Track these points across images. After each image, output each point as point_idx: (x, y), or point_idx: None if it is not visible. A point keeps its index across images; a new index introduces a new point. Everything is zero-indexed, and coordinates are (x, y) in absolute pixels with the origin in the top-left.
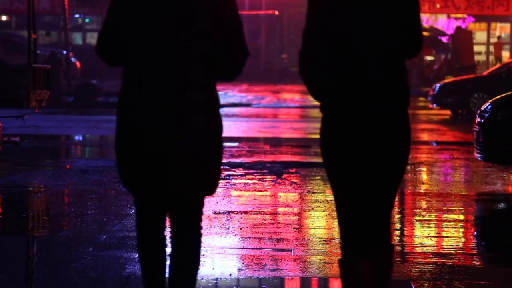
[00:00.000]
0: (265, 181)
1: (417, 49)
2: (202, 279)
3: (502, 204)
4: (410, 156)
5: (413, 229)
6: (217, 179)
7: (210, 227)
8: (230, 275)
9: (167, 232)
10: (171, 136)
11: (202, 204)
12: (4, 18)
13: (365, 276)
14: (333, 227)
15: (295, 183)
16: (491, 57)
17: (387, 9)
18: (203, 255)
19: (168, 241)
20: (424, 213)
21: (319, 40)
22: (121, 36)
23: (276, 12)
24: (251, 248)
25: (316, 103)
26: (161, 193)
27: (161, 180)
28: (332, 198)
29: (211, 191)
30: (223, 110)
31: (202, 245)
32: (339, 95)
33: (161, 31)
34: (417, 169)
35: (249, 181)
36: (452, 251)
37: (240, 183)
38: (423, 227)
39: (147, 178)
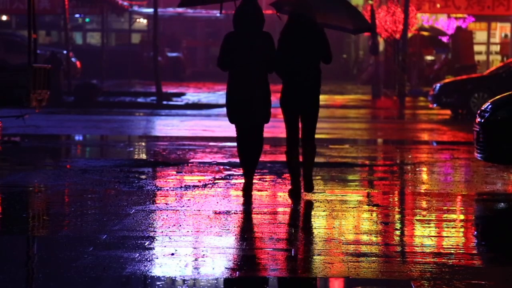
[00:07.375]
0: (265, 181)
1: (328, 61)
2: (202, 279)
3: (502, 204)
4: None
5: (413, 229)
6: (269, 116)
7: (210, 227)
8: (230, 275)
9: None
10: (251, 99)
11: (263, 126)
12: (4, 18)
13: (296, 158)
14: (333, 227)
15: None
16: (491, 57)
17: (314, 41)
18: (203, 255)
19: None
20: (424, 213)
21: (284, 54)
22: (228, 58)
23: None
24: (251, 248)
25: None
26: (247, 124)
27: (248, 118)
28: (332, 198)
29: (267, 121)
30: (222, 110)
31: (202, 244)
32: (290, 76)
33: (246, 56)
34: (417, 169)
35: None
36: (452, 251)
37: (240, 183)
38: (423, 227)
39: (241, 118)
